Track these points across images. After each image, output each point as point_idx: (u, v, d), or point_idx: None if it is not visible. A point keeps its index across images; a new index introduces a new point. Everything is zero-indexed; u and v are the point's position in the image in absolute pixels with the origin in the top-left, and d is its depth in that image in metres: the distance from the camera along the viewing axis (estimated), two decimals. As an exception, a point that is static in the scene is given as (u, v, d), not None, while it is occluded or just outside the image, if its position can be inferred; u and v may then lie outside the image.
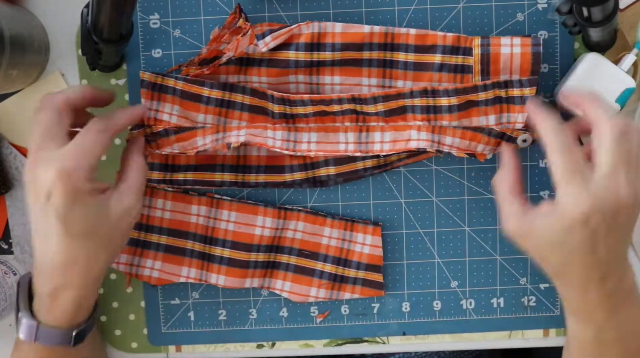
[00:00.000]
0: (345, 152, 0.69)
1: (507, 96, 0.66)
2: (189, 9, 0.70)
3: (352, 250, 0.72)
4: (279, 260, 0.72)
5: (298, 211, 0.72)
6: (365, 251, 0.72)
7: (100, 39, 0.62)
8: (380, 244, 0.72)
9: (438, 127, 0.67)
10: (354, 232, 0.72)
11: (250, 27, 0.67)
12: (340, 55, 0.68)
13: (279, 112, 0.68)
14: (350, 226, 0.72)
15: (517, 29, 0.69)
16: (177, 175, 0.71)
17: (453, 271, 0.73)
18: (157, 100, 0.68)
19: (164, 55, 0.70)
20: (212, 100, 0.68)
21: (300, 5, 0.69)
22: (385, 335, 0.75)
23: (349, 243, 0.72)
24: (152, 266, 0.72)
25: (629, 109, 0.70)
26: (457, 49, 0.67)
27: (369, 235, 0.72)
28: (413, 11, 0.69)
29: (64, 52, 0.72)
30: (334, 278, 0.72)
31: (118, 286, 0.74)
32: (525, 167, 0.71)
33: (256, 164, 0.71)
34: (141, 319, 0.74)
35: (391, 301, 0.74)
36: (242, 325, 0.74)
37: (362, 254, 0.72)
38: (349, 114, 0.68)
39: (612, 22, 0.61)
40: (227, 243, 0.71)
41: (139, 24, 0.70)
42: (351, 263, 0.72)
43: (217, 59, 0.67)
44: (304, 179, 0.71)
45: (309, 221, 0.72)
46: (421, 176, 0.72)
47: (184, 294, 0.74)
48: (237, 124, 0.69)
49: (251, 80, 0.69)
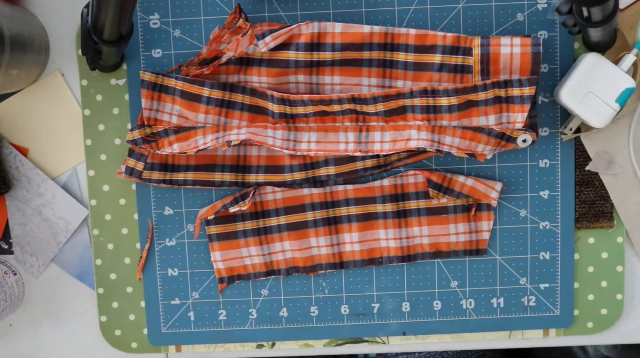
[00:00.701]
0: (345, 152, 0.69)
1: (506, 96, 0.66)
2: (189, 9, 0.70)
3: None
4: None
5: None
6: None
7: (100, 39, 0.62)
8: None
9: (438, 127, 0.67)
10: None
11: (250, 27, 0.67)
12: (340, 55, 0.67)
13: (279, 112, 0.68)
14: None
15: (517, 29, 0.69)
16: (177, 175, 0.71)
17: (453, 271, 0.73)
18: (157, 100, 0.68)
19: (164, 55, 0.70)
20: (213, 100, 0.68)
21: (300, 5, 0.69)
22: (385, 335, 0.74)
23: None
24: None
25: (629, 109, 0.70)
26: (457, 49, 0.67)
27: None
28: (413, 11, 0.69)
29: (64, 52, 0.72)
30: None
31: (118, 286, 0.74)
32: (525, 167, 0.71)
33: (256, 164, 0.71)
34: (141, 319, 0.74)
35: (391, 301, 0.74)
36: (242, 325, 0.74)
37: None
38: (348, 114, 0.68)
39: (612, 22, 0.61)
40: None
41: (139, 24, 0.70)
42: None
43: (217, 59, 0.67)
44: (303, 179, 0.71)
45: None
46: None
47: (184, 294, 0.74)
48: (237, 123, 0.69)
49: (251, 80, 0.69)
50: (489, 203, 0.71)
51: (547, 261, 0.72)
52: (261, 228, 0.72)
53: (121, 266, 0.74)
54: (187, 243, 0.73)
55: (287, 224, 0.72)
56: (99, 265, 0.74)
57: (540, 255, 0.72)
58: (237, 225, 0.72)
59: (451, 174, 0.70)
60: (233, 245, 0.72)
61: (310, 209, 0.72)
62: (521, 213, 0.72)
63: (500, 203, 0.72)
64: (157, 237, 0.73)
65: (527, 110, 0.66)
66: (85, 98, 0.71)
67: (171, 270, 0.74)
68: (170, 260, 0.73)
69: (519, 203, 0.72)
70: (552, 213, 0.72)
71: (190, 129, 0.68)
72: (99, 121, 0.72)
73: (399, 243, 0.72)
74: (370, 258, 0.72)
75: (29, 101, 0.72)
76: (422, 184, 0.71)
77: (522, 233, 0.72)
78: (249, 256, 0.73)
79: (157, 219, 0.73)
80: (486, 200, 0.70)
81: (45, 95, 0.72)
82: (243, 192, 0.71)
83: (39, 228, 0.74)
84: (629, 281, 0.74)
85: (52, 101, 0.72)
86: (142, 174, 0.70)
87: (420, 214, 0.71)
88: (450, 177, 0.70)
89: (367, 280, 0.73)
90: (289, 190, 0.71)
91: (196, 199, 0.73)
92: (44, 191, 0.74)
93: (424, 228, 0.71)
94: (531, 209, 0.72)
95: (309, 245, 0.72)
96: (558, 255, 0.72)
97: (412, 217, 0.71)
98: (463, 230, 0.71)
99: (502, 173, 0.71)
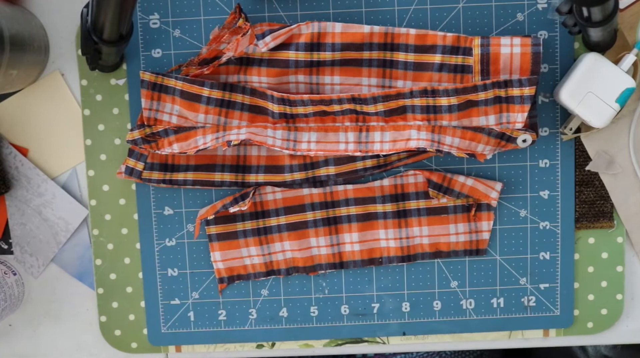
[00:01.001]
0: (345, 152, 0.69)
1: (506, 96, 0.66)
2: (189, 9, 0.69)
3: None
4: None
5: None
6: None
7: (100, 39, 0.62)
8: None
9: (438, 127, 0.67)
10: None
11: (250, 27, 0.67)
12: (340, 55, 0.67)
13: (279, 112, 0.68)
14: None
15: (517, 29, 0.69)
16: (177, 175, 0.70)
17: (453, 271, 0.73)
18: (157, 100, 0.68)
19: (164, 55, 0.70)
20: (213, 100, 0.68)
21: (300, 5, 0.69)
22: (385, 335, 0.74)
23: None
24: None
25: (629, 109, 0.70)
26: (457, 49, 0.67)
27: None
28: (413, 11, 0.69)
29: (63, 52, 0.72)
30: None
31: (118, 286, 0.74)
32: (525, 167, 0.71)
33: (256, 164, 0.71)
34: (141, 319, 0.74)
35: (391, 301, 0.73)
36: (242, 325, 0.74)
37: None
38: (348, 114, 0.68)
39: (612, 22, 0.61)
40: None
41: (138, 24, 0.70)
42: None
43: (217, 59, 0.67)
44: (303, 179, 0.71)
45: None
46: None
47: (183, 294, 0.74)
48: (237, 123, 0.69)
49: (251, 80, 0.69)
50: (489, 203, 0.71)
51: (547, 261, 0.72)
52: (261, 228, 0.72)
53: (121, 266, 0.74)
54: (187, 243, 0.73)
55: (287, 224, 0.72)
56: (99, 265, 0.74)
57: (540, 255, 0.72)
58: (237, 225, 0.72)
59: (451, 174, 0.70)
60: (233, 245, 0.72)
61: (310, 210, 0.72)
62: (521, 213, 0.72)
63: (500, 203, 0.72)
64: (157, 237, 0.73)
65: (527, 110, 0.66)
66: (85, 98, 0.71)
67: (171, 270, 0.73)
68: (170, 260, 0.73)
69: (519, 203, 0.72)
70: (552, 213, 0.71)
71: (190, 129, 0.68)
72: (99, 121, 0.72)
73: (399, 243, 0.72)
74: (370, 258, 0.72)
75: (28, 101, 0.72)
76: (422, 184, 0.71)
77: (522, 233, 0.72)
78: (248, 257, 0.73)
79: (156, 219, 0.73)
80: (486, 200, 0.70)
81: (45, 95, 0.72)
82: (243, 192, 0.71)
83: (39, 228, 0.74)
84: (629, 282, 0.73)
85: (51, 101, 0.72)
86: (142, 174, 0.70)
87: (420, 214, 0.71)
88: (450, 177, 0.70)
89: (367, 280, 0.73)
90: (289, 190, 0.71)
91: (196, 200, 0.72)
92: (43, 191, 0.74)
93: (424, 228, 0.71)
94: (531, 210, 0.72)
95: (309, 245, 0.72)
96: (558, 255, 0.72)
97: (412, 217, 0.71)
98: (463, 230, 0.71)
99: (502, 173, 0.71)
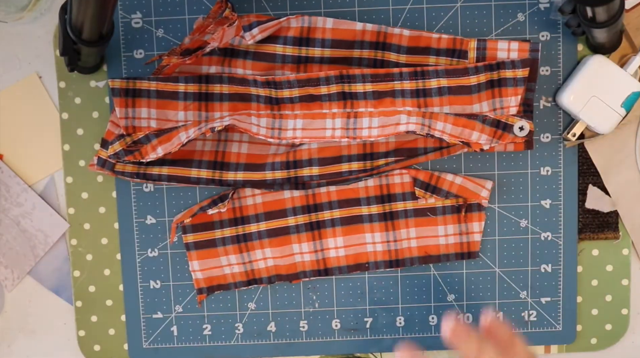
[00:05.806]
0: (332, 138, 0.66)
1: (499, 78, 0.64)
2: (172, 7, 0.68)
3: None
4: None
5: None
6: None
7: (79, 39, 0.60)
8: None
9: (429, 113, 0.65)
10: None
11: (237, 18, 0.65)
12: (329, 52, 0.66)
13: (264, 95, 0.66)
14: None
15: (517, 29, 0.68)
16: (152, 169, 0.68)
17: (450, 283, 0.71)
18: (132, 107, 0.66)
19: (147, 56, 0.69)
20: (190, 95, 0.66)
21: (289, 4, 0.68)
22: (378, 351, 0.72)
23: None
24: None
25: (636, 114, 0.69)
26: (452, 52, 0.66)
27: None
28: (408, 10, 0.68)
29: (41, 53, 0.70)
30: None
31: (97, 299, 0.72)
32: (526, 175, 0.70)
33: (235, 161, 0.69)
34: (121, 334, 0.72)
35: (384, 315, 0.72)
36: (227, 341, 0.72)
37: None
38: (336, 99, 0.66)
39: (617, 22, 0.60)
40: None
41: (120, 23, 0.68)
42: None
43: (201, 49, 0.65)
44: (285, 178, 0.68)
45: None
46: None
47: (166, 308, 0.72)
48: (219, 115, 0.67)
49: (235, 72, 0.67)
50: (480, 203, 0.69)
51: (548, 274, 0.71)
52: (240, 235, 0.70)
53: (101, 278, 0.72)
54: (170, 253, 0.71)
55: (267, 230, 0.70)
56: (77, 277, 0.72)
57: (542, 267, 0.71)
58: (215, 232, 0.70)
59: (439, 172, 0.69)
60: (211, 253, 0.70)
61: (292, 214, 0.69)
62: (521, 223, 0.70)
63: (500, 213, 0.70)
64: (139, 247, 0.71)
65: (521, 93, 0.65)
66: (63, 101, 0.70)
67: (153, 282, 0.72)
68: (153, 272, 0.71)
69: (519, 213, 0.70)
70: (554, 223, 0.70)
71: (172, 130, 0.66)
72: (78, 125, 0.70)
73: (386, 247, 0.70)
74: (356, 263, 0.70)
75: (3, 104, 0.70)
76: (409, 184, 0.69)
77: (522, 244, 0.71)
78: (228, 265, 0.70)
79: (138, 228, 0.71)
80: (477, 199, 0.68)
81: (21, 98, 0.70)
82: (222, 194, 0.69)
83: (16, 239, 0.72)
84: (635, 295, 0.72)
85: (28, 104, 0.70)
86: (115, 167, 0.68)
87: (407, 215, 0.69)
88: (438, 175, 0.68)
89: (360, 292, 0.72)
90: (269, 193, 0.69)
91: (180, 208, 0.71)
92: (23, 201, 0.71)
93: (411, 230, 0.69)
94: (532, 220, 0.70)
95: (291, 251, 0.70)
96: (560, 267, 0.71)
97: (400, 219, 0.69)
98: (453, 232, 0.70)
99: (502, 180, 0.70)
